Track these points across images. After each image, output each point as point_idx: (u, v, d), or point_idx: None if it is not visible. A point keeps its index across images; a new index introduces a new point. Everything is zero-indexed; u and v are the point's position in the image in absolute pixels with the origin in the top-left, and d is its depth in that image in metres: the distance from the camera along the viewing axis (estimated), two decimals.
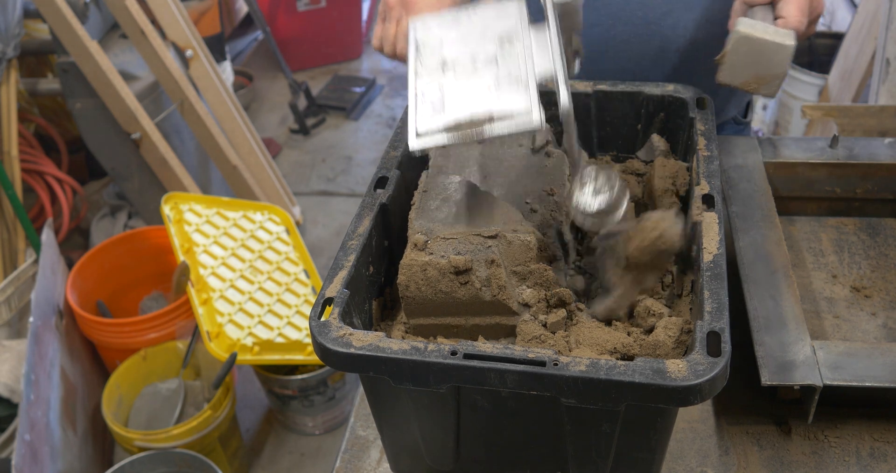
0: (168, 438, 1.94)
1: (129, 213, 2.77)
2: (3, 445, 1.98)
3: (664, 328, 0.79)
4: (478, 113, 0.78)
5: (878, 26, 2.55)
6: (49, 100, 2.88)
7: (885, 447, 0.96)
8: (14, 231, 2.29)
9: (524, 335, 0.81)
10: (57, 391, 1.94)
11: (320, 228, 3.25)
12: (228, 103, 2.80)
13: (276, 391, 2.24)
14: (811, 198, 1.27)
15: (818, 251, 1.23)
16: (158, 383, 2.21)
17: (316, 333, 0.74)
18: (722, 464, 0.95)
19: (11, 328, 2.19)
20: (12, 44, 2.26)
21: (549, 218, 0.88)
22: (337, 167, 3.62)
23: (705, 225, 0.83)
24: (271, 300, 2.16)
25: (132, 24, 2.41)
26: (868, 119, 2.11)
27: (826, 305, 1.14)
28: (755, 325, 0.95)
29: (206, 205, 2.31)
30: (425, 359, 0.71)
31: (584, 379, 0.68)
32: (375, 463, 0.98)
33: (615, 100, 1.06)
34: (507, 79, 0.80)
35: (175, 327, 2.17)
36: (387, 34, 1.06)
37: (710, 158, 0.93)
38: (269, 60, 4.24)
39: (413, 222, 0.87)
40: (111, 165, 2.50)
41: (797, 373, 0.90)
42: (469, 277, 0.80)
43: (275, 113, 4.02)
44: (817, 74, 2.98)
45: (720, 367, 0.67)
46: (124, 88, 2.35)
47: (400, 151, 0.97)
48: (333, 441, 2.37)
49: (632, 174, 1.04)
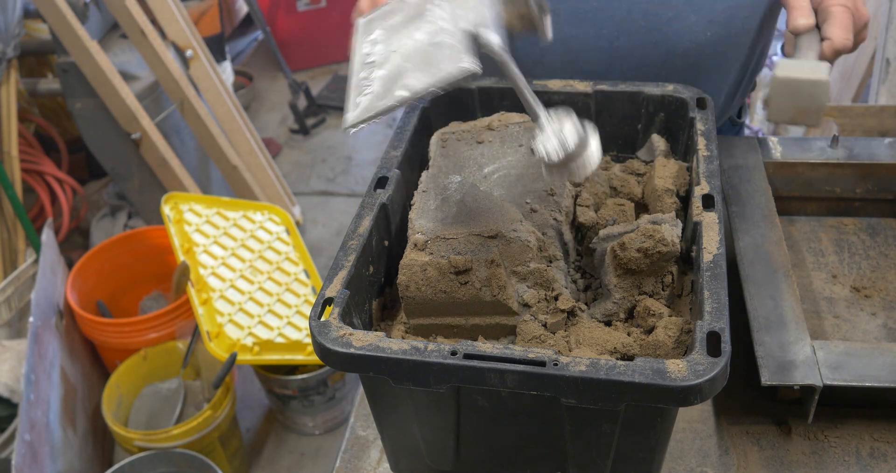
0: (168, 438, 1.94)
1: (129, 213, 2.77)
2: (3, 445, 1.98)
3: (664, 328, 0.79)
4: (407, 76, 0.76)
5: (878, 26, 2.55)
6: (49, 100, 2.88)
7: (885, 447, 0.96)
8: (14, 231, 2.29)
9: (524, 335, 0.81)
10: (57, 391, 1.94)
11: (320, 228, 3.25)
12: (228, 103, 2.80)
13: (276, 391, 2.24)
14: (811, 198, 1.27)
15: (818, 251, 1.23)
16: (158, 383, 2.21)
17: (316, 333, 0.74)
18: (722, 464, 0.95)
19: (11, 328, 2.19)
20: (12, 44, 2.26)
21: (549, 218, 0.88)
22: (337, 167, 3.62)
23: (705, 225, 0.83)
24: (271, 300, 2.16)
25: (132, 24, 2.41)
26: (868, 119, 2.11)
27: (826, 305, 1.14)
28: (755, 325, 0.95)
29: (206, 205, 2.31)
30: (425, 359, 0.71)
31: (584, 379, 0.68)
32: (375, 463, 0.98)
33: (615, 100, 1.06)
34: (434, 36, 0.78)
35: (175, 327, 2.17)
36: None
37: (710, 158, 0.93)
38: (269, 60, 4.24)
39: (413, 222, 0.87)
40: (111, 165, 2.50)
41: (797, 373, 0.90)
42: (469, 277, 0.80)
43: (275, 113, 4.02)
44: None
45: (720, 367, 0.67)
46: (124, 88, 2.35)
47: (400, 151, 0.97)
48: (333, 441, 2.37)
49: (632, 174, 1.04)
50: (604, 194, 0.98)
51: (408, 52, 0.79)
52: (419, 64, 0.77)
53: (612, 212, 0.95)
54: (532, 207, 0.89)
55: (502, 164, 0.95)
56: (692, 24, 1.11)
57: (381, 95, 0.76)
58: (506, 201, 0.88)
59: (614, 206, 0.95)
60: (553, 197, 0.91)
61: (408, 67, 0.77)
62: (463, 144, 0.98)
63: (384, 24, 0.85)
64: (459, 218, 0.85)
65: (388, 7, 0.86)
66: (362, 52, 0.83)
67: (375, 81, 0.78)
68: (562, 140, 0.75)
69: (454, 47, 0.75)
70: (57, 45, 2.28)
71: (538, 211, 0.89)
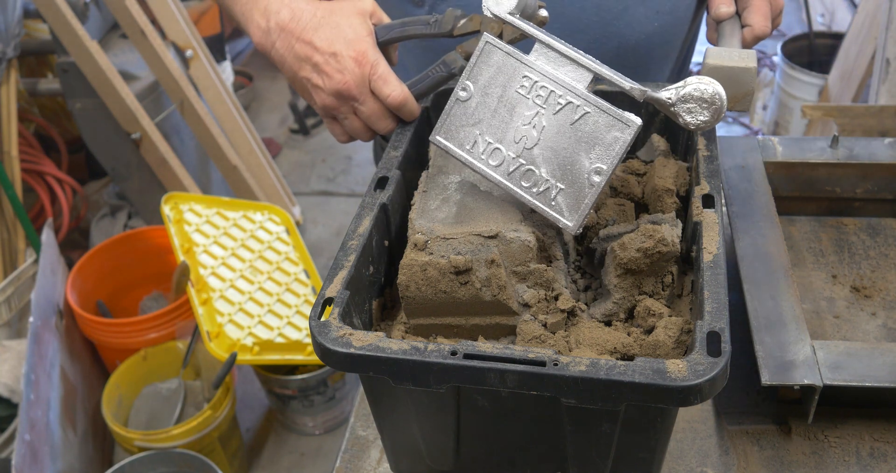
0: (168, 438, 1.94)
1: (129, 213, 2.77)
2: (3, 445, 1.98)
3: (664, 328, 0.79)
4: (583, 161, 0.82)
5: (878, 26, 2.55)
6: (49, 100, 2.88)
7: (885, 447, 0.96)
8: (14, 231, 2.29)
9: (524, 335, 0.81)
10: (57, 391, 1.94)
11: (320, 228, 3.25)
12: (228, 103, 2.80)
13: (276, 391, 2.24)
14: (811, 198, 1.28)
15: (818, 251, 1.23)
16: (158, 383, 2.21)
17: (316, 333, 0.74)
18: (722, 464, 0.95)
19: (11, 328, 2.19)
20: (12, 44, 2.26)
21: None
22: (337, 167, 3.62)
23: (705, 225, 0.83)
24: (271, 300, 2.16)
25: (132, 24, 2.41)
26: (868, 119, 2.11)
27: (826, 305, 1.14)
28: (755, 325, 0.95)
29: (206, 205, 2.31)
30: (425, 359, 0.71)
31: (584, 379, 0.68)
32: (375, 463, 0.98)
33: (615, 100, 1.06)
34: (566, 114, 0.82)
35: (175, 327, 2.17)
36: (354, 128, 1.00)
37: (710, 158, 0.93)
38: (269, 60, 4.23)
39: (413, 222, 0.87)
40: (111, 165, 2.50)
41: (797, 373, 0.90)
42: (469, 277, 0.80)
43: (275, 113, 4.02)
44: (817, 74, 2.98)
45: (720, 367, 0.67)
46: (124, 88, 2.35)
47: (400, 152, 0.97)
48: (333, 441, 2.37)
49: (632, 174, 1.04)
50: (604, 194, 0.98)
51: (550, 141, 0.83)
52: (579, 145, 0.81)
53: (612, 212, 0.95)
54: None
55: None
56: (641, 15, 1.13)
57: (575, 190, 0.82)
58: (506, 201, 0.88)
59: (614, 206, 0.95)
60: None
61: (569, 153, 0.82)
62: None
63: (476, 128, 0.87)
64: (459, 218, 0.85)
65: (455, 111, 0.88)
66: (490, 166, 0.86)
67: (549, 182, 0.83)
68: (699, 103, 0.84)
69: (602, 113, 0.81)
70: (57, 45, 2.28)
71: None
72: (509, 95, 0.84)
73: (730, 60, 0.96)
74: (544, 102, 0.83)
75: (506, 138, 0.84)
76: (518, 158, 0.84)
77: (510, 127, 0.84)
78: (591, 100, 0.81)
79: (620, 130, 0.80)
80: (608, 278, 0.86)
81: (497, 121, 0.85)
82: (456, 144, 0.87)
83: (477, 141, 0.86)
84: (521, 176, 0.84)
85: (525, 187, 0.84)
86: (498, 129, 0.85)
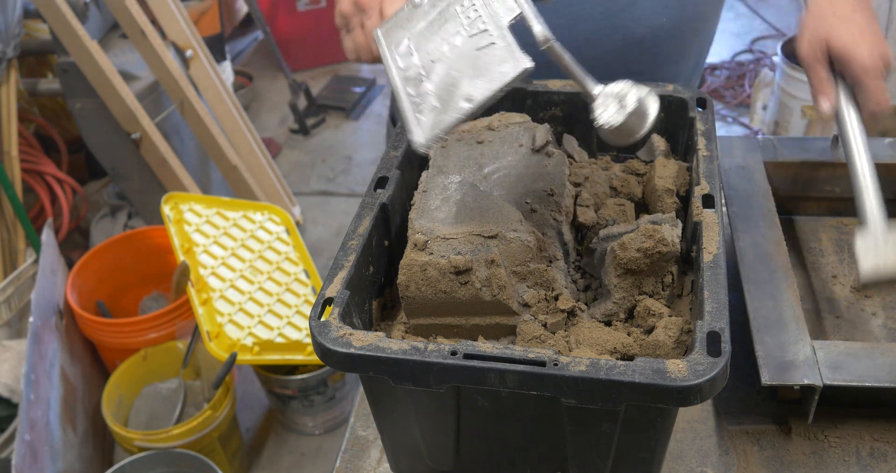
0: (168, 438, 1.94)
1: (129, 213, 2.77)
2: (3, 445, 1.98)
3: (664, 328, 0.79)
4: (463, 85, 0.76)
5: (879, 26, 2.54)
6: (49, 100, 2.88)
7: (885, 447, 0.96)
8: (14, 231, 2.29)
9: (524, 335, 0.81)
10: (57, 391, 1.94)
11: (320, 228, 3.25)
12: (228, 103, 2.80)
13: (276, 391, 2.24)
14: (811, 198, 1.27)
15: (818, 251, 1.23)
16: (158, 383, 2.21)
17: (316, 333, 0.74)
18: (722, 464, 0.95)
19: (11, 328, 2.19)
20: (12, 44, 2.26)
21: (549, 218, 0.88)
22: (337, 167, 3.62)
23: (705, 225, 0.83)
24: (271, 300, 2.16)
25: (132, 24, 2.41)
26: None
27: (826, 305, 1.14)
28: (755, 325, 0.95)
29: (206, 205, 2.31)
30: (425, 359, 0.71)
31: (584, 379, 0.68)
32: (375, 463, 0.98)
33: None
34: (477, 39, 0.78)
35: (175, 327, 2.17)
36: (357, 42, 1.02)
37: (710, 158, 0.93)
38: (269, 60, 4.23)
39: (413, 222, 0.87)
40: (111, 165, 2.50)
41: (797, 373, 0.90)
42: (469, 277, 0.80)
43: (275, 113, 4.02)
44: None
45: (720, 367, 0.67)
46: (124, 88, 2.35)
47: (400, 151, 0.97)
48: (333, 441, 2.37)
49: (632, 174, 1.04)
50: (604, 194, 0.98)
51: (452, 59, 0.79)
52: (471, 70, 0.77)
53: (612, 212, 0.95)
54: (532, 207, 0.89)
55: (502, 164, 0.95)
56: (647, 9, 1.12)
57: (443, 110, 0.76)
58: (506, 201, 0.88)
59: (614, 206, 0.95)
60: (553, 197, 0.91)
61: (459, 75, 0.77)
62: (463, 144, 0.98)
63: (408, 32, 0.85)
64: (459, 218, 0.85)
65: (403, 14, 0.86)
66: (398, 67, 0.83)
67: (429, 96, 0.78)
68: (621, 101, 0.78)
69: (505, 47, 0.76)
70: (57, 45, 2.28)
71: (538, 211, 0.89)
72: (450, 10, 0.82)
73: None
74: (470, 23, 0.80)
75: (423, 47, 0.82)
76: (419, 68, 0.81)
77: (433, 39, 0.82)
78: (504, 33, 0.78)
79: (511, 67, 0.75)
80: (608, 278, 0.86)
81: (427, 31, 0.83)
82: (387, 41, 0.86)
83: (402, 43, 0.85)
84: (410, 82, 0.81)
85: (409, 93, 0.81)
86: (423, 37, 0.83)
